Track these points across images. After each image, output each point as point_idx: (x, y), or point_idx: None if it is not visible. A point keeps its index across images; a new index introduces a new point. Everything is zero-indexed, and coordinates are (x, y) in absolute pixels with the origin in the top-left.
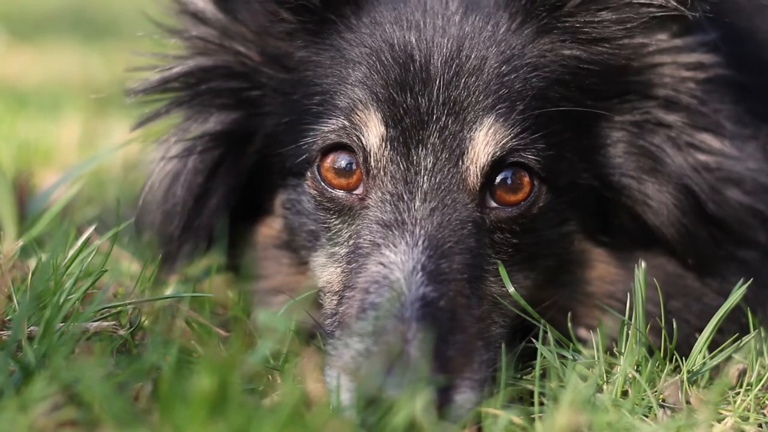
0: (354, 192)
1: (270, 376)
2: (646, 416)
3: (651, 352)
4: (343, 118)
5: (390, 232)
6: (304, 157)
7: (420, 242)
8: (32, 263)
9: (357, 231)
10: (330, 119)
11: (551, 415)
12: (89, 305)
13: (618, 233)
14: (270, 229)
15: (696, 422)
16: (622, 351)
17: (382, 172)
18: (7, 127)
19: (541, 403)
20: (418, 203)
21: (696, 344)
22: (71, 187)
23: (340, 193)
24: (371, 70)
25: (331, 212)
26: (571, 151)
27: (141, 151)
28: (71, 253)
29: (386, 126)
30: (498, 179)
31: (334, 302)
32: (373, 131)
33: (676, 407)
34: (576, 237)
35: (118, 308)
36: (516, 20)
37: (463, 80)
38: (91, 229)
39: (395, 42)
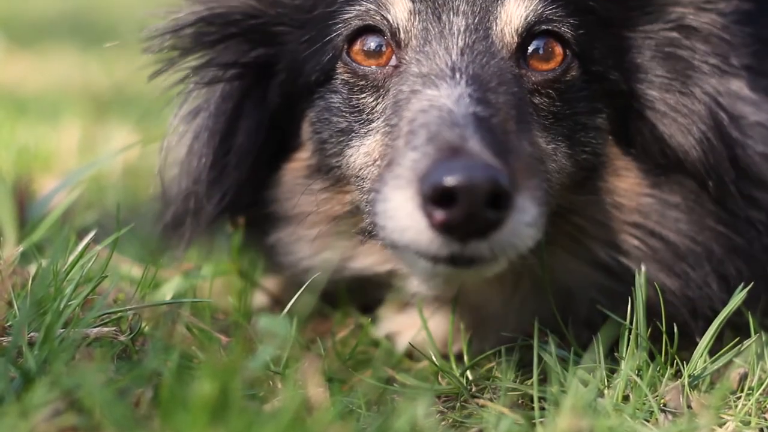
0: (387, 65)
1: (271, 382)
2: (648, 421)
3: (652, 356)
4: (366, 2)
5: (429, 79)
6: (330, 55)
7: (462, 81)
8: (32, 269)
9: (394, 92)
10: (353, 8)
11: (552, 420)
12: (90, 311)
13: (641, 154)
14: (297, 162)
15: (697, 426)
16: (623, 355)
17: (413, 40)
18: (6, 132)
19: (542, 408)
20: (455, 56)
21: (697, 348)
22: (71, 193)
23: (373, 68)
24: None
25: (365, 90)
26: (600, 44)
27: (141, 156)
28: (71, 258)
29: (412, 1)
30: (531, 48)
31: (376, 172)
32: (400, 6)
33: (678, 412)
34: (608, 138)
35: (119, 314)
36: None
37: None
38: (91, 235)
39: None
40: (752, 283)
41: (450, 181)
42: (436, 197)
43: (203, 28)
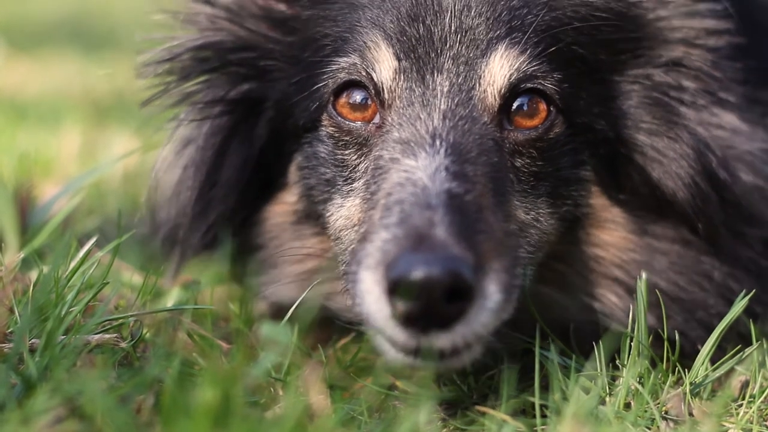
0: (371, 122)
1: (272, 389)
2: (649, 428)
3: (654, 363)
4: (355, 56)
5: (409, 147)
6: (317, 104)
7: (442, 150)
8: (33, 275)
9: (375, 156)
10: (341, 60)
11: (554, 427)
12: (91, 318)
13: (630, 197)
14: (284, 205)
15: None
16: (625, 363)
17: (397, 100)
18: (7, 138)
19: (544, 416)
20: (436, 121)
21: (698, 356)
22: (72, 199)
23: (357, 124)
24: (381, 10)
25: (349, 147)
26: (586, 93)
27: (141, 162)
28: (73, 265)
29: (398, 59)
30: (515, 105)
31: (353, 236)
32: (385, 65)
33: (679, 419)
34: (593, 188)
35: (120, 320)
36: None
37: (474, 10)
38: (92, 241)
39: None
40: (753, 292)
41: (411, 275)
42: (398, 290)
43: (197, 56)
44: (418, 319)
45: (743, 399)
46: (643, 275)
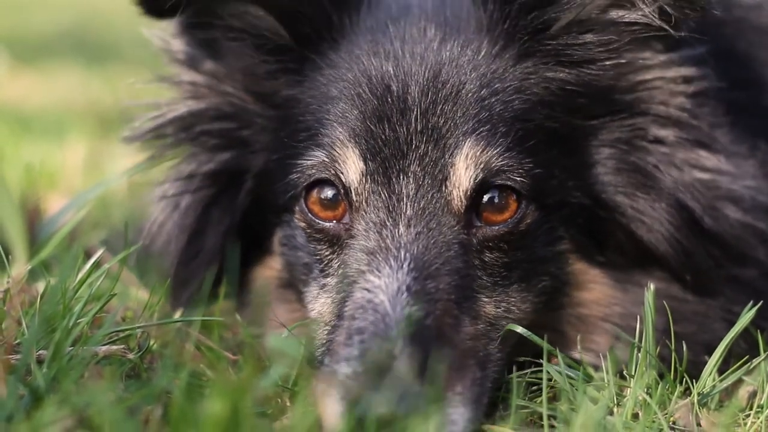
0: (341, 222)
1: (280, 400)
2: None
3: (661, 375)
4: (323, 154)
5: (374, 258)
6: (291, 193)
7: (405, 265)
8: (41, 287)
9: (345, 261)
10: (312, 155)
11: None
12: (98, 329)
13: (614, 253)
14: (271, 270)
15: None
16: (633, 374)
17: (364, 204)
18: (11, 150)
19: (552, 426)
20: (402, 229)
21: (706, 367)
22: (78, 212)
23: (327, 224)
24: (349, 105)
25: (322, 243)
26: (559, 169)
27: (145, 177)
28: (80, 276)
29: (365, 160)
30: (484, 199)
31: (326, 332)
32: (352, 167)
33: (687, 430)
34: (570, 257)
35: (127, 332)
36: (497, 45)
37: (440, 107)
38: (99, 253)
39: (372, 73)
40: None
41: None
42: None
43: (180, 125)
44: None
45: (751, 409)
46: (651, 286)
